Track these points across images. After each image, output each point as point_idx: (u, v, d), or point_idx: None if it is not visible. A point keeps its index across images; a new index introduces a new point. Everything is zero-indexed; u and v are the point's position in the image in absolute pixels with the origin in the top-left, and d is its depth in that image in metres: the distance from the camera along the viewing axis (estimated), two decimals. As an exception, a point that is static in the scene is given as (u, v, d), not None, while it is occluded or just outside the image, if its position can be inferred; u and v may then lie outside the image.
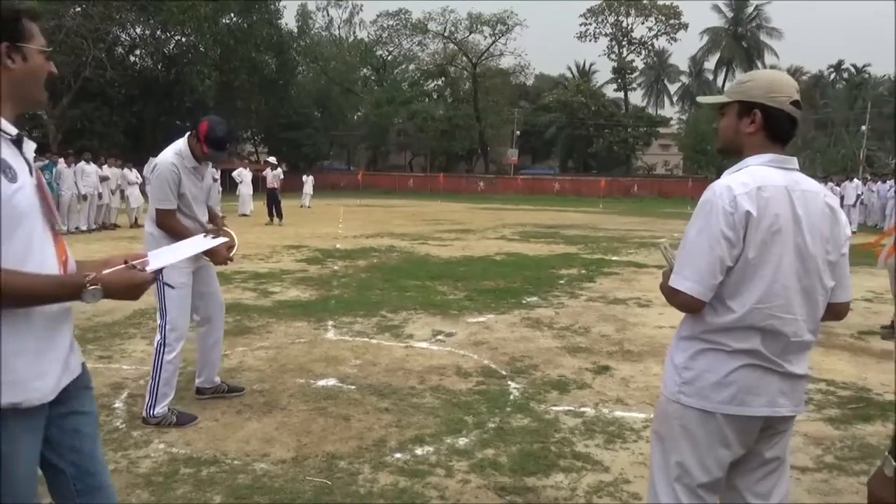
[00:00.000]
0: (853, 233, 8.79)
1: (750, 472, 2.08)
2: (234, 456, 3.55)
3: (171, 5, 30.55)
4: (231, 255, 4.17)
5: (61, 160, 15.55)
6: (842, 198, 19.25)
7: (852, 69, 53.74)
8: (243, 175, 20.78)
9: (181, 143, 4.04)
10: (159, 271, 1.92)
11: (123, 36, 34.57)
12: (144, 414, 3.97)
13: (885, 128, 42.54)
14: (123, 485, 3.20)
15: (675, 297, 1.99)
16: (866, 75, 52.49)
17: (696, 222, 1.96)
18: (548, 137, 52.70)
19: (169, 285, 3.77)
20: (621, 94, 55.27)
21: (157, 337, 4.02)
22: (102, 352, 5.47)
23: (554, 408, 4.34)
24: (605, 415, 4.25)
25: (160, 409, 3.96)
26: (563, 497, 3.18)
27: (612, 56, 53.40)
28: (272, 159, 20.83)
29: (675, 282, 1.97)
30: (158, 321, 4.02)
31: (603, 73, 58.31)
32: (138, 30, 34.72)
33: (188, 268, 4.04)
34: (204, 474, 3.33)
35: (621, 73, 53.35)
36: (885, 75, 51.38)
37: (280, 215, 18.04)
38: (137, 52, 36.15)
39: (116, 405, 4.28)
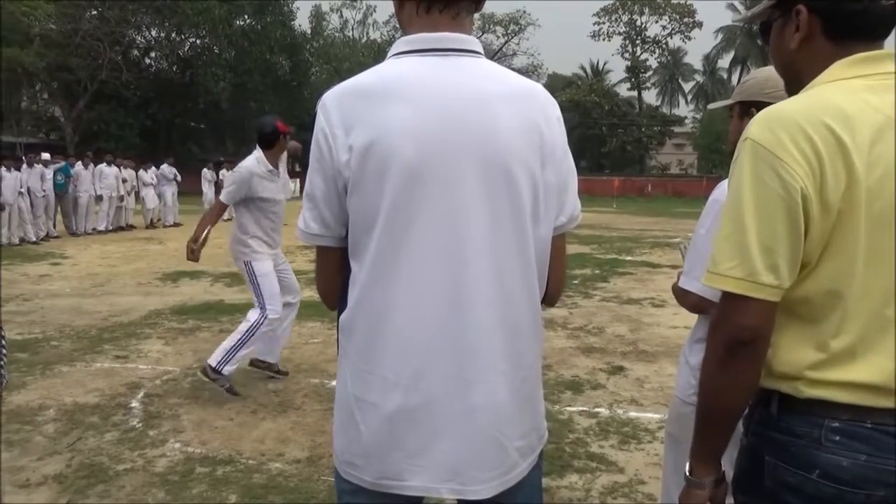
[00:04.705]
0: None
1: None
2: (249, 455, 3.58)
3: (185, 7, 30.73)
4: None
5: (79, 162, 15.71)
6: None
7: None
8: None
9: (258, 151, 4.49)
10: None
11: (139, 38, 34.80)
12: (213, 363, 4.26)
13: None
14: (139, 484, 3.23)
15: (684, 298, 1.98)
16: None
17: (704, 222, 1.96)
18: (561, 137, 52.44)
19: (259, 275, 4.40)
20: (635, 94, 54.90)
21: (256, 314, 4.37)
22: (119, 351, 5.52)
23: (568, 408, 4.33)
24: (619, 415, 4.23)
25: (229, 368, 4.29)
26: (577, 498, 3.17)
27: (626, 55, 53.06)
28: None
29: (684, 282, 1.97)
30: (257, 308, 4.41)
31: (616, 72, 58.07)
32: (153, 32, 34.93)
33: (268, 258, 4.50)
34: (219, 474, 3.35)
35: (635, 72, 53.02)
36: None
37: None
38: (152, 54, 36.36)
39: (133, 405, 4.32)
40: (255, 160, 4.41)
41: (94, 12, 30.26)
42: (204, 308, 7.31)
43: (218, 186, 20.87)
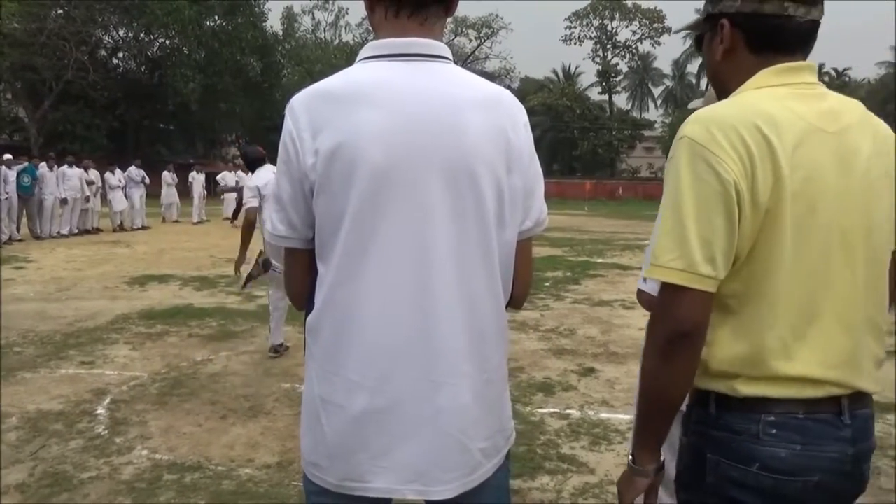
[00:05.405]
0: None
1: None
2: (218, 461, 3.53)
3: (154, 7, 30.29)
4: None
5: (43, 164, 15.35)
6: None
7: (833, 73, 54.35)
8: (227, 179, 20.68)
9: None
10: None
11: (106, 38, 34.22)
12: (279, 342, 5.55)
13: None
14: (105, 492, 3.17)
15: (639, 298, 2.03)
16: (847, 79, 53.15)
17: None
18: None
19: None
20: (606, 98, 55.54)
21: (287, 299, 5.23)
22: (84, 357, 5.41)
23: (539, 410, 4.35)
24: (590, 416, 4.26)
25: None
26: (548, 499, 3.18)
27: (597, 59, 53.66)
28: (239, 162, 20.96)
29: (639, 282, 2.01)
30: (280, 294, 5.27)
31: (588, 76, 58.82)
32: (121, 32, 34.38)
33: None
34: (188, 480, 3.31)
35: (606, 76, 53.62)
36: (864, 79, 52.16)
37: (235, 216, 17.87)
38: (120, 54, 35.79)
39: (99, 411, 4.23)
40: None
41: (60, 11, 29.68)
42: (172, 312, 7.21)
43: (189, 187, 20.62)
